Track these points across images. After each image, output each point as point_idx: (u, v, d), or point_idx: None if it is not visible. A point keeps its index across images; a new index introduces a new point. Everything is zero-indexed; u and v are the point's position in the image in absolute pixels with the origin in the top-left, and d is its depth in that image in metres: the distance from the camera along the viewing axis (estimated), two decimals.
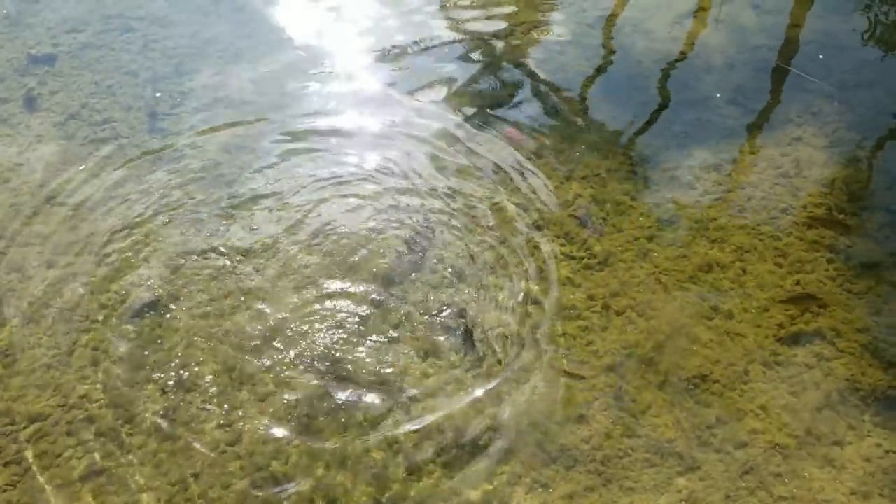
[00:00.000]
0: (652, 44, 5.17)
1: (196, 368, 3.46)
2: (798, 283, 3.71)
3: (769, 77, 4.87)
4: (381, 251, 3.91)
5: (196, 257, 3.92)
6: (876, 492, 3.05)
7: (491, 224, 4.03)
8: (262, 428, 3.26)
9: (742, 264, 3.82)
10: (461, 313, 3.63)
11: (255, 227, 4.05)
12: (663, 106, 4.72)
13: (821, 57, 4.95)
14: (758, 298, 3.67)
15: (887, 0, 5.46)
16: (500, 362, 3.46)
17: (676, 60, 5.04)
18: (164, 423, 3.28)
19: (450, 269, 3.82)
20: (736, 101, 4.69)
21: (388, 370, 3.44)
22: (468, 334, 3.55)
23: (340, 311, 3.66)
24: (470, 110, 4.72)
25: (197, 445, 3.21)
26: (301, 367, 3.45)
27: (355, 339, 3.55)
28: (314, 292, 3.73)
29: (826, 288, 3.68)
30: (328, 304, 3.70)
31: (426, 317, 3.63)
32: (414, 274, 3.81)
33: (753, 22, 5.28)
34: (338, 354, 3.49)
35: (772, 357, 3.46)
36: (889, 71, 4.87)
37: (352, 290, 3.74)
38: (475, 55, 5.16)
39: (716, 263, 3.83)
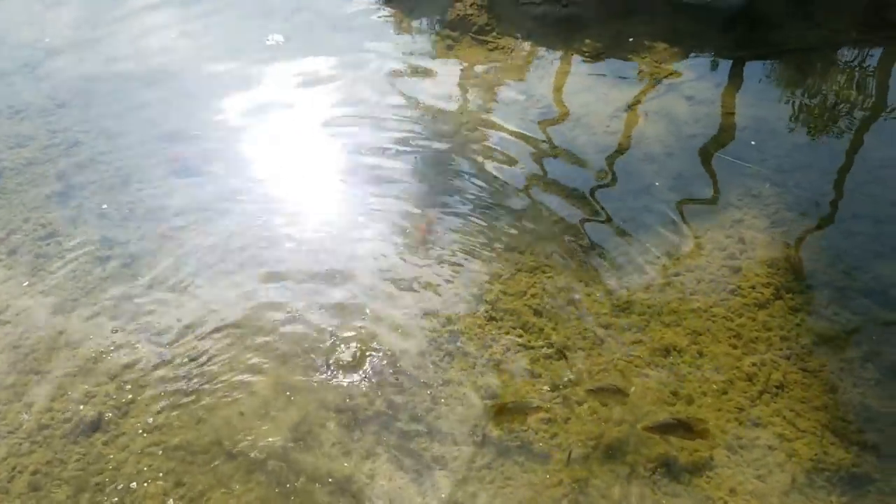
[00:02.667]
0: (593, 137, 5.34)
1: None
2: (754, 364, 3.73)
3: (707, 164, 5.05)
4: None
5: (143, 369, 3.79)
6: None
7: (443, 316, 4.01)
8: None
9: (698, 347, 3.84)
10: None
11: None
12: (609, 195, 4.83)
13: (753, 143, 5.17)
14: (716, 381, 3.67)
15: (810, 90, 5.78)
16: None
17: (617, 152, 5.21)
18: None
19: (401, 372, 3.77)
20: (677, 188, 4.84)
21: (345, 471, 3.32)
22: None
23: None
24: (416, 208, 4.77)
25: None
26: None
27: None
28: None
29: (781, 367, 3.71)
30: None
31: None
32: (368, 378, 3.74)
33: (686, 112, 5.52)
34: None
35: (735, 441, 3.43)
36: (820, 153, 5.10)
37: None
38: (423, 154, 5.25)
39: (672, 347, 3.85)
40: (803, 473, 3.31)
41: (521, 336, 3.92)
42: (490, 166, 5.11)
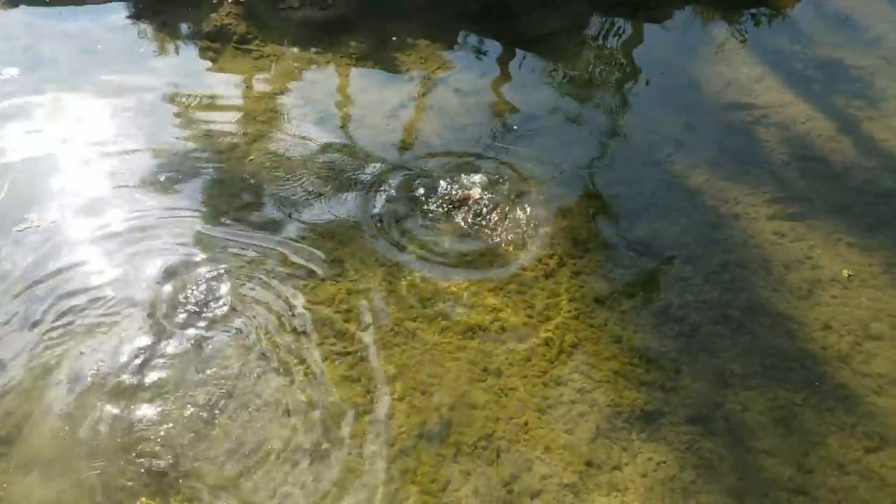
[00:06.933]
0: (375, 137, 5.48)
1: None
2: (549, 329, 4.08)
3: (482, 151, 5.38)
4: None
5: None
6: (659, 503, 3.40)
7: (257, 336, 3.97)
8: None
9: (499, 323, 4.12)
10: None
11: None
12: (397, 194, 4.99)
13: (515, 127, 5.61)
14: (518, 351, 3.97)
15: (564, 71, 6.34)
16: None
17: (400, 149, 5.39)
18: None
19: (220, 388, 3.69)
20: (458, 179, 5.11)
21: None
22: None
23: None
24: (208, 227, 4.65)
25: None
26: None
27: None
28: None
29: (572, 327, 4.10)
30: None
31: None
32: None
33: (457, 104, 5.83)
34: None
35: (543, 402, 3.75)
36: (578, 128, 5.64)
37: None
38: (206, 172, 5.09)
39: (477, 327, 4.10)
40: (605, 420, 3.70)
41: (333, 345, 3.97)
42: (274, 180, 5.06)
